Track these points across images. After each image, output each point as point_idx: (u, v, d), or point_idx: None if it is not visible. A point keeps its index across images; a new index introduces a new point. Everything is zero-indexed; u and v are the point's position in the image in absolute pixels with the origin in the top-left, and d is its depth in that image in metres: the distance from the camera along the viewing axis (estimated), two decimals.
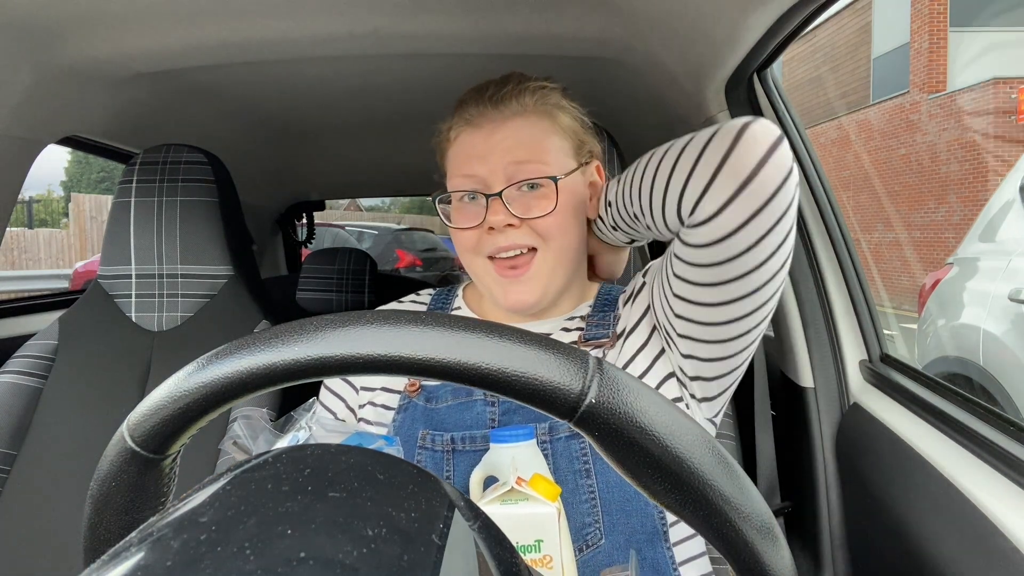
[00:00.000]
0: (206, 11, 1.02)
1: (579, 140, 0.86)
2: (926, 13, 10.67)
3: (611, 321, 0.85)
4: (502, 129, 0.80)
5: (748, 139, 0.61)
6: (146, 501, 0.41)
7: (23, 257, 12.36)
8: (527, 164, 0.79)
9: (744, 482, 0.36)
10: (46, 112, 1.17)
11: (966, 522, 0.67)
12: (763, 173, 0.60)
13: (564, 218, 0.81)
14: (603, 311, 0.87)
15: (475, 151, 0.81)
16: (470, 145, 0.82)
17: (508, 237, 0.79)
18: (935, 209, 9.87)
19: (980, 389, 2.60)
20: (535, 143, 0.80)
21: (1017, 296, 2.56)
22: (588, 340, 0.83)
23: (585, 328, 0.85)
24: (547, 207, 0.79)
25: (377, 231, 10.04)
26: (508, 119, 0.81)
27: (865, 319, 1.06)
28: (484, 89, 0.83)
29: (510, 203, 0.79)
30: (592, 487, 0.75)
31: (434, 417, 0.81)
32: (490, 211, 0.79)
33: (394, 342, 0.35)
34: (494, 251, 0.80)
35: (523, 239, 0.80)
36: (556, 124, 0.83)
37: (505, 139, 0.80)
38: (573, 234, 0.83)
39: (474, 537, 0.31)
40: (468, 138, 0.82)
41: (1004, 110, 8.97)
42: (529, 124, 0.81)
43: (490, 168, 0.80)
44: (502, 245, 0.80)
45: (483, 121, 0.81)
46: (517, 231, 0.79)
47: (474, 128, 0.81)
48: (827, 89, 13.62)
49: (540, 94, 0.82)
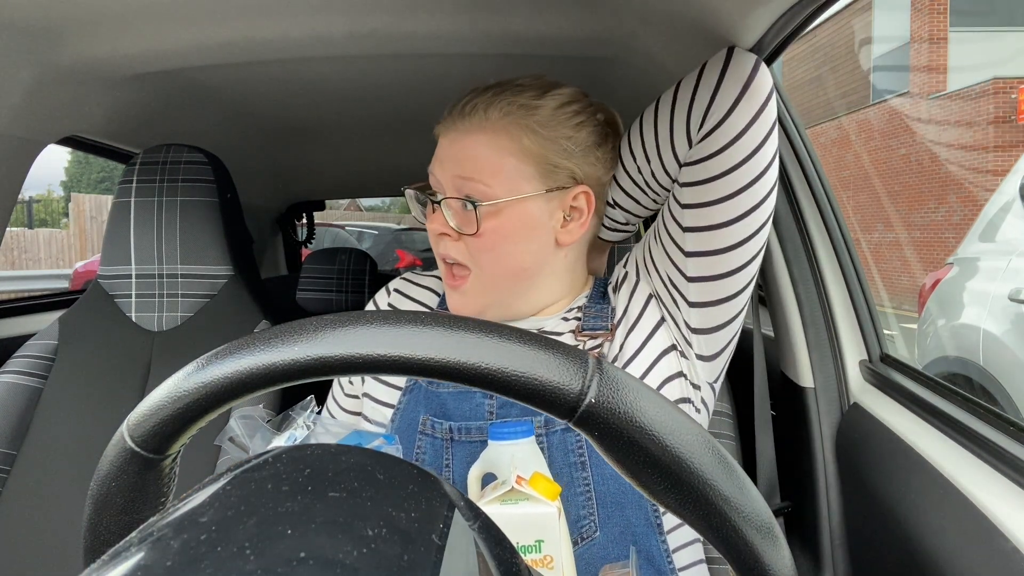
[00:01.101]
0: (206, 11, 1.02)
1: (548, 164, 0.81)
2: (926, 13, 10.67)
3: (608, 313, 0.85)
4: (460, 141, 0.81)
5: (739, 58, 0.75)
6: (146, 501, 0.41)
7: (23, 257, 12.36)
8: (469, 182, 0.79)
9: (744, 482, 0.36)
10: (46, 112, 1.17)
11: (966, 522, 0.67)
12: (757, 79, 0.73)
13: (496, 241, 0.79)
14: (600, 303, 0.87)
15: (438, 155, 0.83)
16: (439, 149, 0.84)
17: (446, 247, 0.81)
18: (935, 209, 9.87)
19: (980, 389, 2.60)
20: (483, 161, 0.79)
21: (1017, 296, 2.56)
22: (585, 331, 0.83)
23: (583, 319, 0.85)
24: (471, 228, 0.79)
25: (377, 231, 10.05)
26: (468, 132, 0.80)
27: (865, 319, 1.06)
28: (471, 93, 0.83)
29: (450, 215, 0.80)
30: (587, 480, 0.76)
31: (435, 401, 0.82)
32: (430, 218, 0.83)
33: (394, 342, 0.35)
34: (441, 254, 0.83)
35: (457, 254, 0.81)
36: (517, 145, 0.79)
37: (459, 152, 0.81)
38: (513, 258, 0.81)
39: (474, 537, 0.31)
40: (440, 141, 0.84)
41: (1004, 110, 8.97)
42: (484, 142, 0.79)
43: (443, 175, 0.81)
44: (440, 252, 0.82)
45: (448, 129, 0.83)
46: (454, 243, 0.81)
47: (444, 133, 0.84)
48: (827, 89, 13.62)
49: (509, 111, 0.79)
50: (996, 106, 8.99)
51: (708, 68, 0.76)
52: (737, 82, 0.73)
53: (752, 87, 0.73)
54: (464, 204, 0.79)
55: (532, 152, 0.80)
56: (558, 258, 0.85)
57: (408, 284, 0.96)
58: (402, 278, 0.96)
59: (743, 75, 0.73)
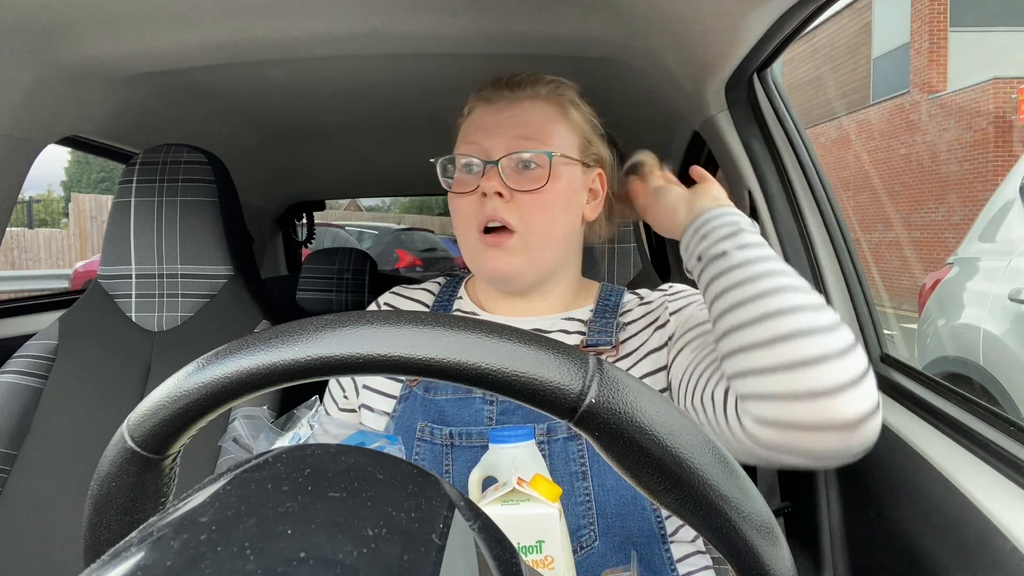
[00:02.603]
0: (206, 11, 1.02)
1: (586, 139, 0.87)
2: (926, 13, 10.67)
3: (613, 328, 0.85)
4: (512, 107, 0.83)
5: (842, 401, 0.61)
6: (146, 501, 0.41)
7: (23, 257, 12.36)
8: (528, 141, 0.81)
9: (744, 482, 0.36)
10: (46, 112, 1.17)
11: (966, 522, 0.67)
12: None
13: (551, 200, 0.81)
14: (605, 317, 0.86)
15: (483, 124, 0.84)
16: (480, 118, 0.85)
17: (495, 207, 0.80)
18: (935, 209, 9.87)
19: (980, 389, 2.60)
20: (540, 124, 0.83)
21: (1017, 296, 2.56)
22: (590, 346, 0.83)
23: (587, 333, 0.84)
24: (537, 183, 0.80)
25: (377, 231, 10.06)
26: (520, 100, 0.84)
27: (865, 319, 1.05)
28: (503, 76, 0.86)
29: (506, 175, 0.80)
30: (588, 489, 0.75)
31: (433, 408, 0.81)
32: (486, 176, 0.81)
33: (394, 342, 0.35)
34: (483, 221, 0.81)
35: (508, 214, 0.80)
36: (565, 115, 0.85)
37: (513, 116, 0.83)
38: (559, 222, 0.83)
39: (474, 537, 0.31)
40: (480, 112, 0.85)
41: (1004, 110, 8.97)
42: (538, 108, 0.84)
43: (493, 141, 0.82)
44: (489, 214, 0.80)
45: (496, 98, 0.84)
46: (505, 204, 0.80)
47: (487, 104, 0.85)
48: (827, 89, 13.62)
49: (554, 85, 0.86)
50: (996, 106, 8.99)
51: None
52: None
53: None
54: (526, 165, 0.81)
55: (576, 124, 0.86)
56: (579, 237, 0.89)
57: (398, 297, 0.94)
58: (391, 292, 0.95)
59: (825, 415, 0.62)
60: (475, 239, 0.82)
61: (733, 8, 0.86)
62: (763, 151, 1.10)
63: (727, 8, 0.87)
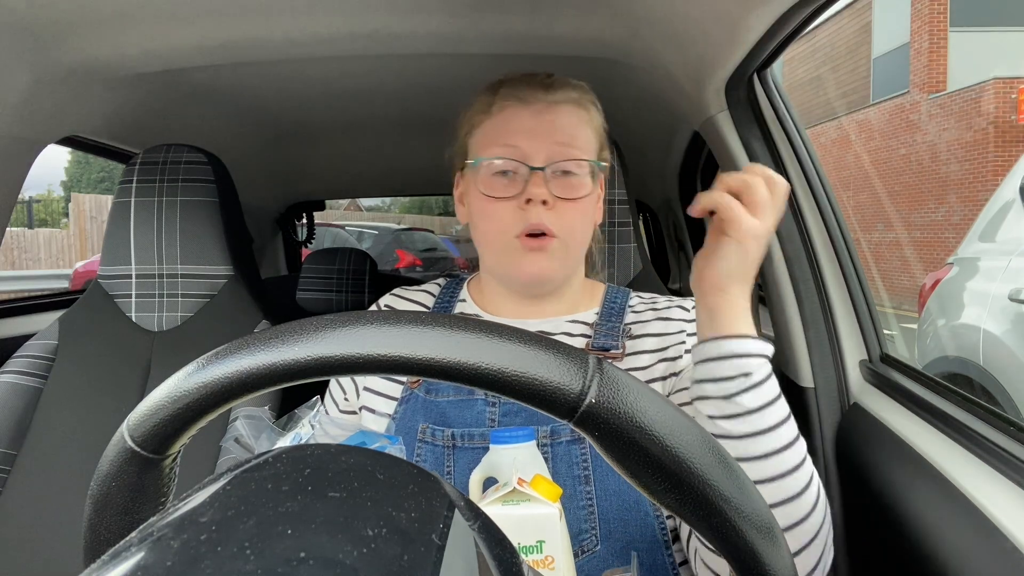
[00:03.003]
0: (206, 11, 1.02)
1: (601, 144, 0.87)
2: (926, 13, 10.67)
3: (619, 333, 0.84)
4: (552, 111, 0.82)
5: None
6: (146, 501, 0.41)
7: (23, 257, 12.36)
8: (569, 148, 0.81)
9: (744, 482, 0.36)
10: (46, 112, 1.17)
11: (966, 522, 0.67)
12: None
13: (587, 206, 0.83)
14: (611, 320, 0.86)
15: (522, 126, 0.81)
16: (517, 119, 0.81)
17: (539, 214, 0.79)
18: (935, 209, 9.87)
19: (980, 389, 2.60)
20: (576, 131, 0.83)
21: (1017, 296, 2.56)
22: (596, 349, 0.83)
23: (593, 336, 0.84)
24: (581, 191, 0.80)
25: (377, 231, 10.06)
26: (558, 103, 0.82)
27: (865, 319, 1.06)
28: (533, 75, 0.85)
29: (549, 182, 0.79)
30: (590, 493, 0.75)
31: (434, 410, 0.81)
32: (531, 183, 0.79)
33: (394, 342, 0.35)
34: (525, 228, 0.79)
35: (551, 221, 0.79)
36: (590, 120, 0.85)
37: (553, 120, 0.81)
38: (588, 228, 0.84)
39: (474, 537, 0.31)
40: (515, 113, 0.82)
41: (1004, 110, 8.97)
42: (574, 113, 0.83)
43: (535, 145, 0.80)
44: (533, 222, 0.79)
45: (533, 100, 0.82)
46: (548, 212, 0.79)
47: (523, 104, 0.82)
48: (827, 89, 13.62)
49: (581, 90, 0.86)
50: (996, 106, 8.99)
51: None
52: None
53: None
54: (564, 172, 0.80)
55: (597, 127, 0.87)
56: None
57: (398, 299, 0.94)
58: (391, 294, 0.95)
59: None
60: (511, 242, 0.81)
61: (733, 8, 0.86)
62: (763, 151, 1.10)
63: (727, 8, 0.87)
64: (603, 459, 0.37)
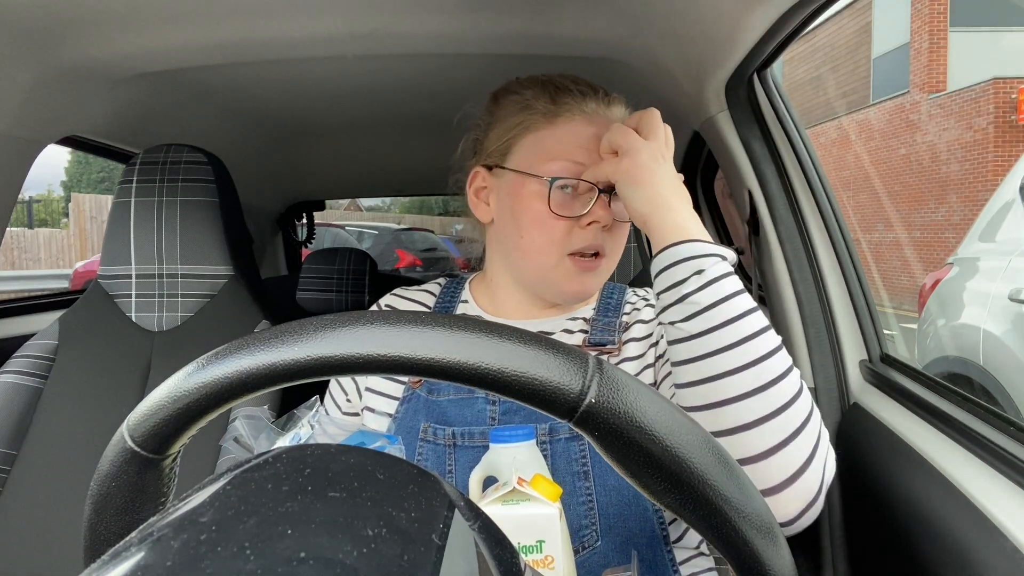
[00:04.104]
0: (206, 11, 1.02)
1: None
2: (926, 13, 10.68)
3: (617, 327, 0.85)
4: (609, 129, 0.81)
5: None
6: (146, 501, 0.41)
7: (23, 257, 12.36)
8: None
9: (744, 482, 0.36)
10: (46, 112, 1.17)
11: (966, 522, 0.67)
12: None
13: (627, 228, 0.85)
14: (607, 315, 0.86)
15: (588, 143, 0.79)
16: (583, 136, 0.80)
17: (597, 235, 0.80)
18: (935, 209, 9.87)
19: (980, 389, 2.60)
20: None
21: (1017, 296, 2.56)
22: (593, 344, 0.83)
23: (590, 332, 0.84)
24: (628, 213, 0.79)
25: (377, 231, 10.06)
26: (612, 121, 0.81)
27: (865, 319, 1.05)
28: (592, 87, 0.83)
29: (617, 203, 0.79)
30: (589, 489, 0.75)
31: (436, 409, 0.81)
32: (598, 205, 0.78)
33: (394, 342, 0.35)
34: (582, 248, 0.79)
35: (605, 242, 0.81)
36: None
37: None
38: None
39: (474, 537, 0.31)
40: (581, 128, 0.80)
41: (1004, 110, 8.98)
42: None
43: (596, 164, 0.79)
44: (593, 243, 0.79)
45: (596, 116, 0.81)
46: (604, 233, 0.80)
47: (589, 121, 0.81)
48: (827, 89, 13.62)
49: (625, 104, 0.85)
50: (996, 106, 9.00)
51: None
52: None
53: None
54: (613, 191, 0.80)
55: None
56: None
57: (398, 299, 0.94)
58: (392, 294, 0.94)
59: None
60: (560, 260, 0.80)
61: (733, 8, 0.86)
62: (763, 151, 1.10)
63: (727, 8, 0.87)
64: (605, 459, 0.37)
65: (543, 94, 0.82)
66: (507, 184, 0.82)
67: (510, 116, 0.84)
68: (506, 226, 0.83)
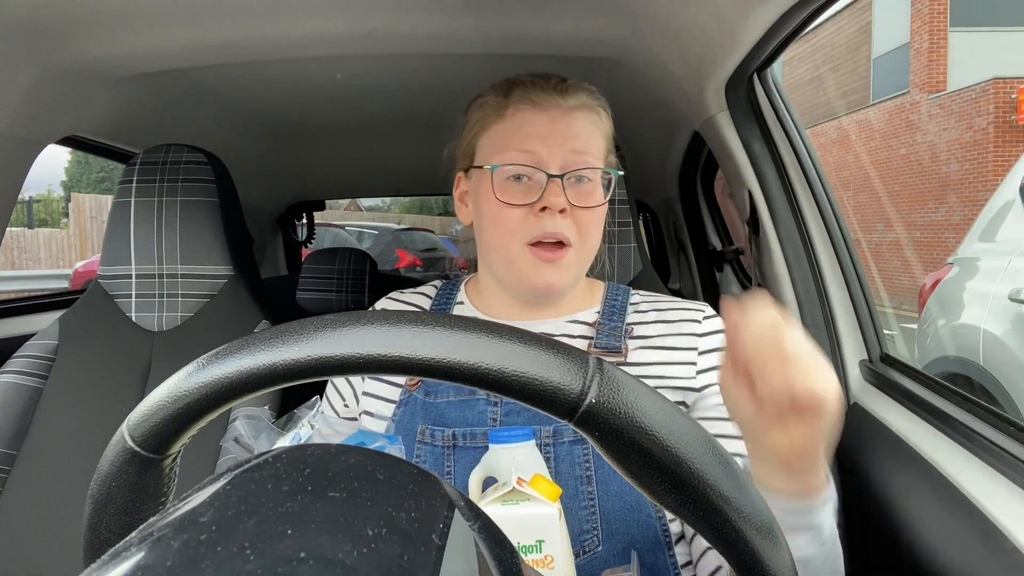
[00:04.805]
0: (206, 11, 1.02)
1: (609, 148, 0.87)
2: (926, 13, 10.68)
3: (621, 333, 0.84)
4: (567, 117, 0.81)
5: None
6: (146, 501, 0.41)
7: (23, 257, 12.37)
8: (586, 155, 0.80)
9: (744, 482, 0.36)
10: (46, 112, 1.17)
11: (966, 522, 0.67)
12: None
13: (601, 213, 0.82)
14: (612, 320, 0.86)
15: (537, 131, 0.80)
16: (532, 125, 0.80)
17: (555, 223, 0.78)
18: (935, 209, 9.87)
19: (980, 389, 2.60)
20: (591, 137, 0.82)
21: (1017, 296, 2.56)
22: (599, 348, 0.83)
23: (596, 336, 0.84)
24: (596, 199, 0.80)
25: (377, 231, 10.06)
26: (573, 109, 0.82)
27: (865, 319, 1.05)
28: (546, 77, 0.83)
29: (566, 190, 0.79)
30: (592, 494, 0.75)
31: (433, 411, 0.81)
32: (549, 192, 0.78)
33: (394, 342, 0.35)
34: (539, 236, 0.78)
35: (567, 229, 0.79)
36: (602, 126, 0.85)
37: (569, 127, 0.81)
38: (600, 235, 0.84)
39: (474, 537, 0.31)
40: (531, 117, 0.81)
41: (1004, 110, 8.98)
42: (588, 119, 0.83)
43: (550, 151, 0.79)
44: (549, 230, 0.78)
45: (549, 105, 0.81)
46: (563, 219, 0.79)
47: (539, 109, 0.81)
48: (827, 89, 13.62)
49: (594, 95, 0.85)
50: (996, 106, 9.00)
51: None
52: None
53: None
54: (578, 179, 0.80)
55: (607, 133, 0.86)
56: None
57: (394, 303, 0.93)
58: (387, 298, 0.94)
59: None
60: (521, 251, 0.80)
61: (733, 8, 0.86)
62: (763, 151, 1.10)
63: (727, 8, 0.87)
64: (605, 460, 0.37)
65: (498, 90, 0.84)
66: (474, 183, 0.85)
67: (472, 117, 0.86)
68: (478, 224, 0.85)
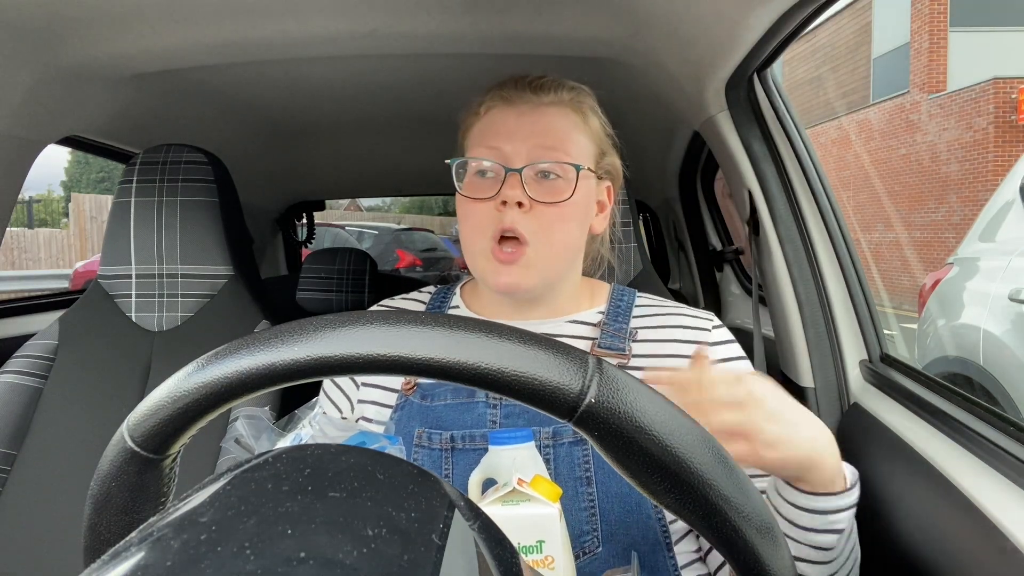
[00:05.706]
0: (206, 11, 1.02)
1: (601, 150, 0.85)
2: (926, 13, 10.68)
3: (626, 335, 0.84)
4: (535, 112, 0.81)
5: None
6: (146, 501, 0.41)
7: (23, 257, 12.37)
8: (552, 151, 0.79)
9: (744, 482, 0.36)
10: (46, 112, 1.17)
11: (966, 522, 0.67)
12: None
13: (570, 212, 0.80)
14: (617, 321, 0.85)
15: (504, 127, 0.80)
16: (500, 121, 0.81)
17: (512, 217, 0.77)
18: (935, 209, 9.88)
19: (980, 389, 2.60)
20: (564, 133, 0.81)
21: (1017, 296, 2.56)
22: (603, 348, 0.82)
23: (600, 336, 0.83)
24: (560, 195, 0.78)
25: (377, 231, 10.06)
26: (544, 105, 0.81)
27: (865, 319, 1.05)
28: (524, 76, 0.84)
29: (527, 185, 0.78)
30: (592, 495, 0.75)
31: (430, 415, 0.81)
32: (507, 185, 0.78)
33: (394, 342, 0.35)
34: (498, 230, 0.78)
35: (526, 225, 0.77)
36: (585, 124, 0.83)
37: (536, 122, 0.80)
38: (573, 235, 0.82)
39: (474, 537, 0.31)
40: (499, 114, 0.81)
41: (1004, 110, 8.98)
42: (562, 114, 0.82)
43: (515, 146, 0.79)
44: (507, 225, 0.77)
45: (519, 101, 0.81)
46: (523, 215, 0.77)
47: (508, 105, 0.81)
48: (827, 89, 13.63)
49: (576, 92, 0.84)
50: (996, 106, 9.00)
51: None
52: None
53: None
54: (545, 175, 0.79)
55: (594, 133, 0.85)
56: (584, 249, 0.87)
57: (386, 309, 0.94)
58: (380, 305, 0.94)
59: None
60: (486, 249, 0.79)
61: (733, 8, 0.86)
62: (763, 151, 1.10)
63: (727, 8, 0.87)
64: (605, 461, 0.37)
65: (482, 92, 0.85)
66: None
67: (461, 121, 0.87)
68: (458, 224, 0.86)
